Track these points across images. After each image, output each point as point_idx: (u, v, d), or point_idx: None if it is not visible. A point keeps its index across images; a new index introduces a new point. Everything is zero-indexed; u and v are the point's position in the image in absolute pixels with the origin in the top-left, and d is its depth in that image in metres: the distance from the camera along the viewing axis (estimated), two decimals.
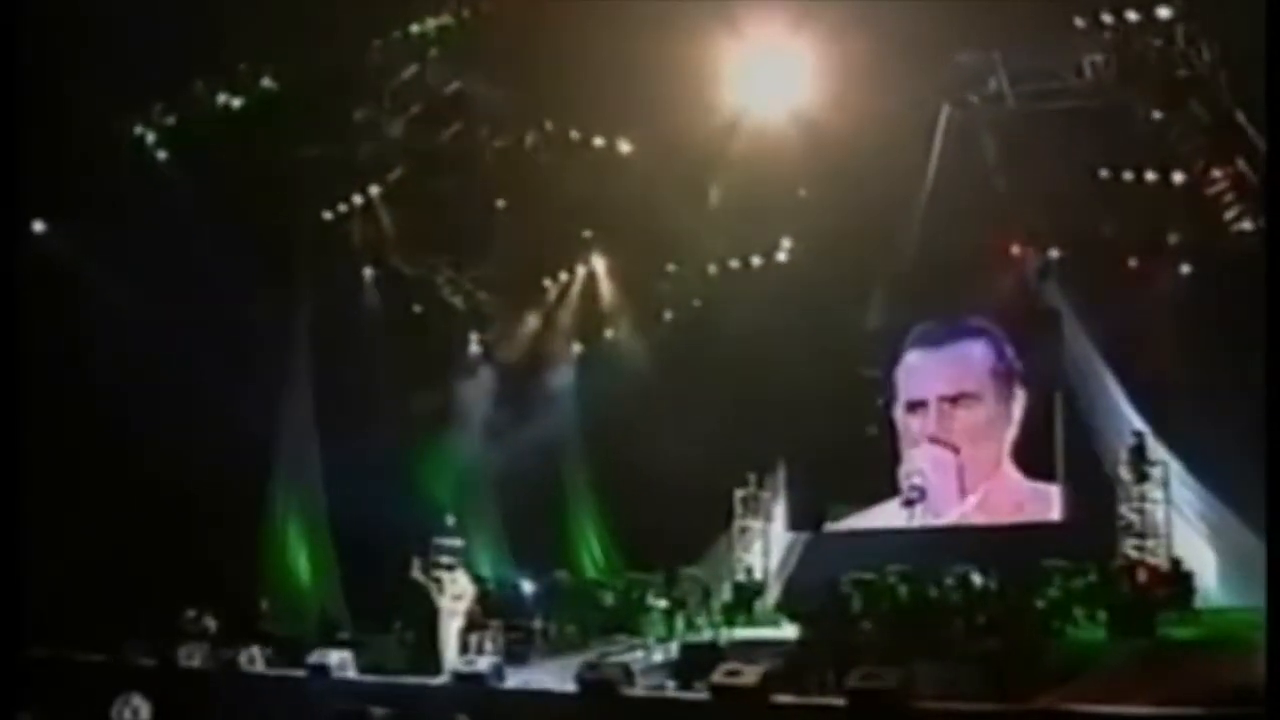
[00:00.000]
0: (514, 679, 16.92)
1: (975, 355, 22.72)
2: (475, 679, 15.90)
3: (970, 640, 15.90)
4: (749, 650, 16.53)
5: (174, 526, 20.61)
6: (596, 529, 25.27)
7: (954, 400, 22.72)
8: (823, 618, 17.57)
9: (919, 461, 22.54)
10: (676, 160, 20.30)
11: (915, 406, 23.04)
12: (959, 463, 22.40)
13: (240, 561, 21.71)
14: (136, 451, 20.52)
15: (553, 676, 17.50)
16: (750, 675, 13.15)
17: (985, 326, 22.59)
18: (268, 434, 22.91)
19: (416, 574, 20.48)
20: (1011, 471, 22.17)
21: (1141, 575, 17.02)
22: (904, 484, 22.34)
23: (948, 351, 23.03)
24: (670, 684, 16.16)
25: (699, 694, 14.32)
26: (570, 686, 15.80)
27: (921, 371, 23.15)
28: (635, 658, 18.20)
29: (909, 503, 21.96)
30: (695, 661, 16.07)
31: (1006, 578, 18.11)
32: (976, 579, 17.83)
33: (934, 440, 22.68)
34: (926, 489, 22.05)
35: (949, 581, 18.37)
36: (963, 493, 22.35)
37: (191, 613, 20.35)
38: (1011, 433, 22.20)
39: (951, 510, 22.31)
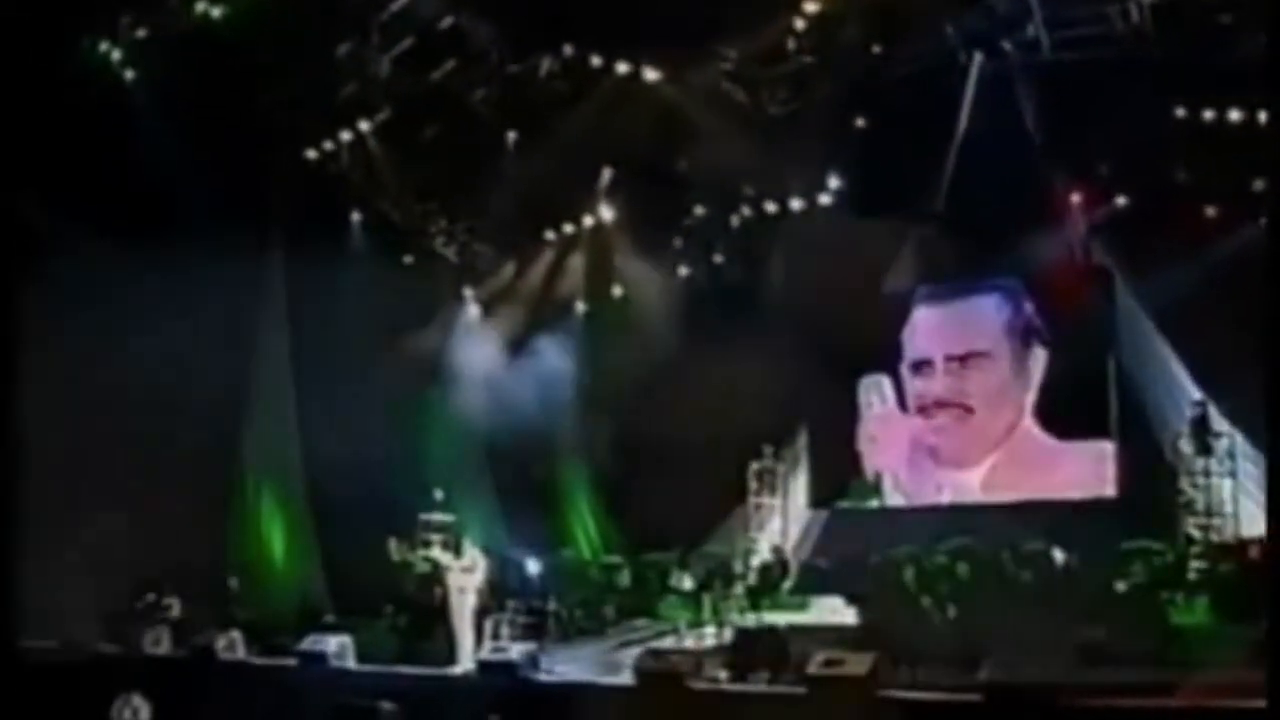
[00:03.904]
0: None
1: (987, 311, 21.07)
2: (506, 669, 13.73)
3: (1063, 627, 14.08)
4: (808, 637, 14.59)
5: (132, 497, 18.47)
6: (594, 505, 23.61)
7: (962, 359, 21.12)
8: (883, 601, 15.70)
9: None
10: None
11: (921, 366, 21.48)
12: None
13: (208, 537, 19.96)
14: (89, 409, 18.45)
15: (574, 664, 15.84)
16: (857, 664, 11.16)
17: (1001, 281, 20.92)
18: (238, 394, 21.13)
19: (394, 553, 18.99)
20: (1034, 430, 20.41)
21: (1253, 552, 15.24)
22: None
23: (957, 307, 21.47)
24: (723, 674, 14.22)
25: (793, 687, 12.28)
26: (606, 676, 14.41)
27: (927, 329, 21.55)
28: (666, 645, 16.57)
29: None
30: (754, 649, 14.14)
31: (1084, 558, 16.40)
32: (1059, 557, 16.03)
33: (940, 405, 21.06)
34: None
35: (1006, 558, 16.51)
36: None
37: (152, 595, 18.69)
38: (1031, 396, 20.49)
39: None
